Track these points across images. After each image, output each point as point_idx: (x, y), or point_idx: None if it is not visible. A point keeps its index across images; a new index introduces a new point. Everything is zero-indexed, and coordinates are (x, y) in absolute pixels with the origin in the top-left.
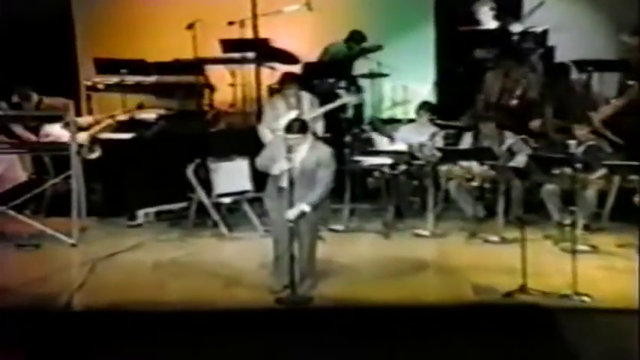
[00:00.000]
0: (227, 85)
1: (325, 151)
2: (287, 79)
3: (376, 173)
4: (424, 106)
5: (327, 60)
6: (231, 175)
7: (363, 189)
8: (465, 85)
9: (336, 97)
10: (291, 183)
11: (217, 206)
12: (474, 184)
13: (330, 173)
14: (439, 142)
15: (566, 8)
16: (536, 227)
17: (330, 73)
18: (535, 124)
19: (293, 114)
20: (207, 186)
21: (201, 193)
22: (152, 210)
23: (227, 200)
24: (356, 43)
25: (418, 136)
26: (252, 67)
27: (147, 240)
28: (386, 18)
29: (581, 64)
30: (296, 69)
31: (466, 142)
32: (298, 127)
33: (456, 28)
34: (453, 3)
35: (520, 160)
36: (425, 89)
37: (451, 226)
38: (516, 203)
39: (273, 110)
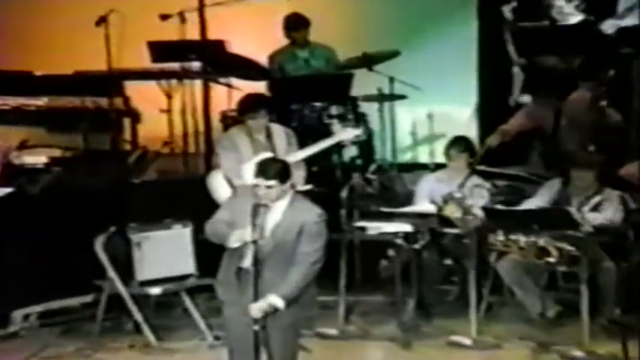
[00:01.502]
0: (159, 111)
1: (311, 214)
2: (251, 103)
3: (391, 251)
4: (458, 143)
5: (281, 76)
6: (165, 252)
7: (368, 272)
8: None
9: (327, 131)
10: (258, 262)
11: (141, 300)
12: (541, 262)
13: (319, 248)
14: (483, 198)
15: None
16: None
17: (317, 93)
18: (630, 169)
19: (263, 156)
20: (127, 269)
21: (115, 280)
22: (36, 310)
23: (157, 291)
24: (299, 43)
25: (449, 189)
26: (197, 83)
27: None
28: (403, 11)
29: None
30: (264, 88)
31: (542, 198)
32: (275, 170)
33: (513, 25)
34: None
35: (608, 224)
36: (462, 117)
37: (506, 331)
38: (609, 296)
39: (231, 151)
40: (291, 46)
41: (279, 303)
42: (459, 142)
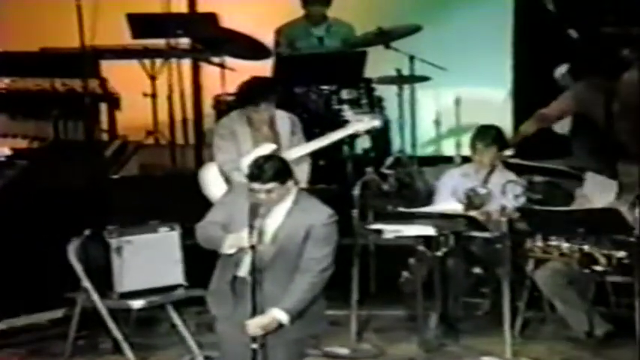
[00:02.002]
0: (141, 95)
1: (319, 214)
2: (255, 93)
3: (412, 260)
4: (485, 133)
5: (292, 55)
6: (149, 259)
7: (384, 282)
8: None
9: (336, 119)
10: (257, 271)
11: (121, 315)
12: (586, 271)
13: (328, 254)
14: (518, 196)
15: None
16: None
17: (324, 74)
18: None
19: (266, 148)
20: (104, 278)
21: (91, 292)
22: None
23: (139, 304)
24: (315, 18)
25: (474, 185)
26: (186, 63)
27: None
28: None
29: None
30: (265, 68)
31: (594, 197)
32: (272, 171)
33: None
34: None
35: None
36: (494, 103)
37: (547, 351)
38: None
39: (229, 140)
40: (305, 20)
41: (283, 318)
42: (487, 132)
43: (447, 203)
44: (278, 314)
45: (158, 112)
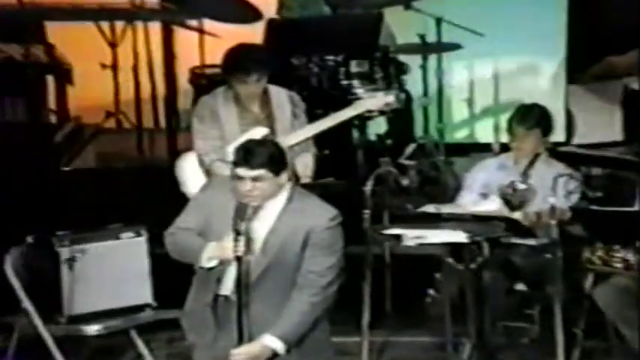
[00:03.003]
0: (99, 67)
1: (320, 216)
2: (241, 53)
3: (439, 276)
4: (527, 114)
5: (288, 18)
6: (108, 273)
7: (403, 300)
8: None
9: (344, 97)
10: (244, 288)
11: (72, 343)
12: None
13: (333, 266)
14: (572, 193)
15: None
16: None
17: (330, 41)
18: None
19: (257, 133)
20: (51, 297)
21: (33, 315)
22: None
23: (95, 329)
24: None
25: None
26: (155, 27)
27: None
28: None
29: None
30: (255, 34)
31: None
32: (266, 155)
33: None
34: None
35: None
36: (542, 78)
37: None
38: None
39: (210, 124)
40: None
41: (277, 346)
42: (529, 113)
43: (486, 202)
44: (271, 342)
45: (120, 88)
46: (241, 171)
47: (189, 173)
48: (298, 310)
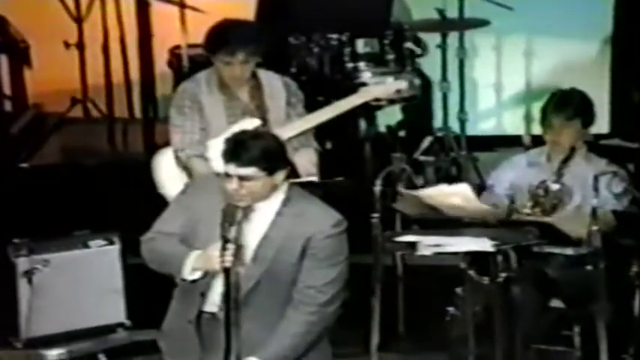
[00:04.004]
0: (63, 46)
1: (321, 221)
2: (227, 36)
3: (461, 291)
4: (564, 103)
5: None
6: (74, 287)
7: (417, 319)
8: None
9: (350, 83)
10: (233, 304)
11: None
12: None
13: (335, 279)
14: (618, 194)
15: None
16: None
17: (333, 17)
18: None
19: (246, 125)
20: (6, 317)
21: None
22: None
23: (57, 354)
24: None
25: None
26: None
27: None
28: None
29: None
30: (246, 8)
31: None
32: (260, 150)
33: None
34: None
35: None
36: (583, 59)
37: None
38: None
39: (191, 115)
40: None
41: None
42: (566, 100)
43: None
44: None
45: (88, 72)
46: (230, 168)
47: (168, 172)
48: (292, 331)
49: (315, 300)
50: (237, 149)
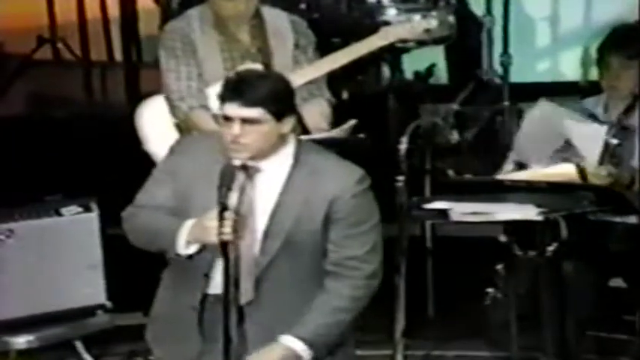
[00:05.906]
0: None
1: (342, 179)
2: None
3: (502, 268)
4: (626, 38)
5: None
6: (45, 262)
7: (451, 301)
8: None
9: (370, 22)
10: (230, 285)
11: None
12: None
13: (374, 247)
14: None
15: None
16: None
17: None
18: None
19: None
20: None
21: None
22: None
23: (25, 341)
24: None
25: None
26: None
27: None
28: None
29: None
30: None
31: None
32: (267, 90)
33: None
34: None
35: None
36: None
37: None
38: None
39: (184, 58)
40: None
41: (300, 349)
42: (629, 38)
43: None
44: (292, 343)
45: (57, 6)
46: (229, 108)
47: (155, 127)
48: (334, 305)
49: (361, 271)
50: (241, 86)
